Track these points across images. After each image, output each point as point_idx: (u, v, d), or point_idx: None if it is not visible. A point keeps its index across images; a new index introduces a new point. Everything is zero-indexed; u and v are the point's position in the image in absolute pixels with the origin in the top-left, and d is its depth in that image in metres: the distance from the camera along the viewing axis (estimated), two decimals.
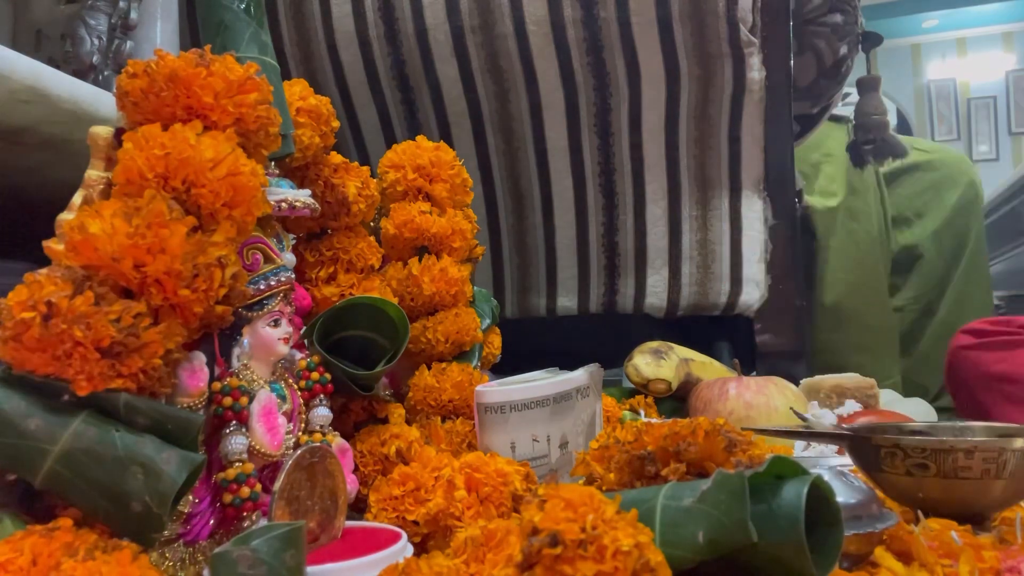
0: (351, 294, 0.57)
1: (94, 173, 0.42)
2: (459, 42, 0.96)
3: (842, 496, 0.38)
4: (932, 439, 0.47)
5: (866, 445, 0.49)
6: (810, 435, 0.61)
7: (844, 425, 0.64)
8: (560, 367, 0.65)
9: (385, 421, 0.57)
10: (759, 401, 0.78)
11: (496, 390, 0.56)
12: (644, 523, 0.28)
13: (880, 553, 0.40)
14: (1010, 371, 0.89)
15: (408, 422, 0.61)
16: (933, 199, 1.66)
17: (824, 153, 1.59)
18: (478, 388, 0.57)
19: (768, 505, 0.31)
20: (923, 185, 1.67)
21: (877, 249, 1.57)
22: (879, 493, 0.48)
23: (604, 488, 0.39)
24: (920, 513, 0.46)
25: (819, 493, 0.32)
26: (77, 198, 0.41)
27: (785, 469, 0.32)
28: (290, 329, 0.46)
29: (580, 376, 0.58)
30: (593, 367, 0.60)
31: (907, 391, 1.52)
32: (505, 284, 1.12)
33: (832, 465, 0.57)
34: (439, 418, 0.62)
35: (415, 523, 0.47)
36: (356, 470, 0.52)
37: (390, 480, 0.49)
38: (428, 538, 0.47)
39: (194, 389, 0.40)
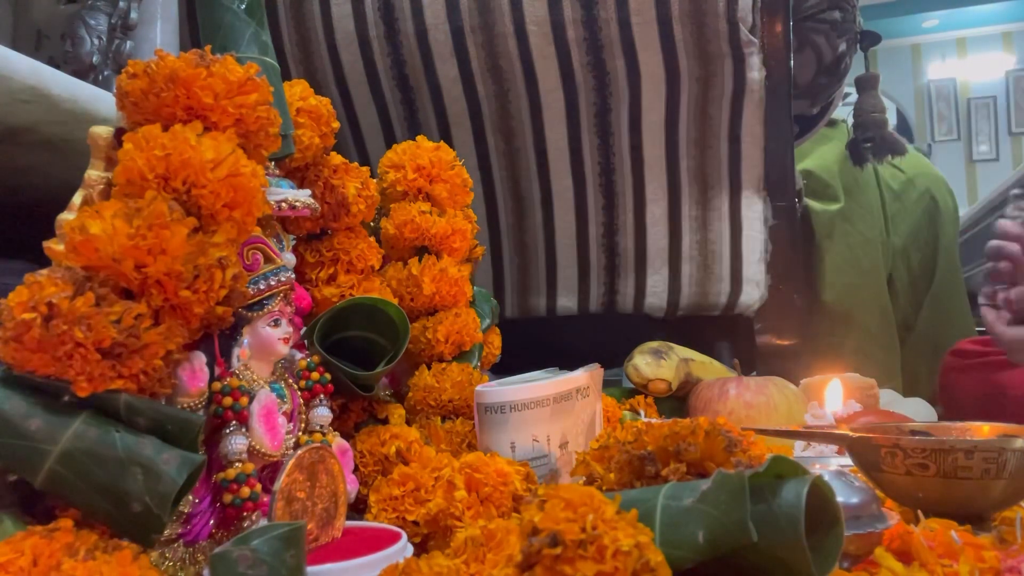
0: (351, 295, 0.57)
1: (94, 173, 0.42)
2: (459, 42, 0.96)
3: (842, 496, 0.38)
4: (932, 439, 0.47)
5: (866, 445, 0.49)
6: (810, 435, 0.61)
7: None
8: (560, 367, 0.65)
9: (385, 421, 0.57)
10: (759, 401, 0.78)
11: (496, 390, 0.56)
12: (644, 523, 0.28)
13: (880, 553, 0.40)
14: (997, 392, 0.89)
15: (408, 422, 0.61)
16: (898, 210, 1.64)
17: (818, 157, 1.58)
18: (478, 388, 0.57)
19: (768, 505, 0.31)
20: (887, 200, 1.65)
21: (877, 251, 1.56)
22: (879, 493, 0.48)
23: (604, 488, 0.39)
24: (920, 513, 0.46)
25: (819, 493, 0.32)
26: (77, 198, 0.41)
27: (785, 469, 0.32)
28: (290, 329, 0.46)
29: (580, 376, 0.58)
30: (593, 367, 0.60)
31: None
32: (505, 284, 1.12)
33: (832, 465, 0.57)
34: (439, 418, 0.62)
35: (415, 523, 0.47)
36: (356, 470, 0.52)
37: (390, 480, 0.49)
38: (428, 538, 0.47)
39: (194, 389, 0.40)
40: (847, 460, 0.56)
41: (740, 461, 0.34)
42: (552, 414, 0.55)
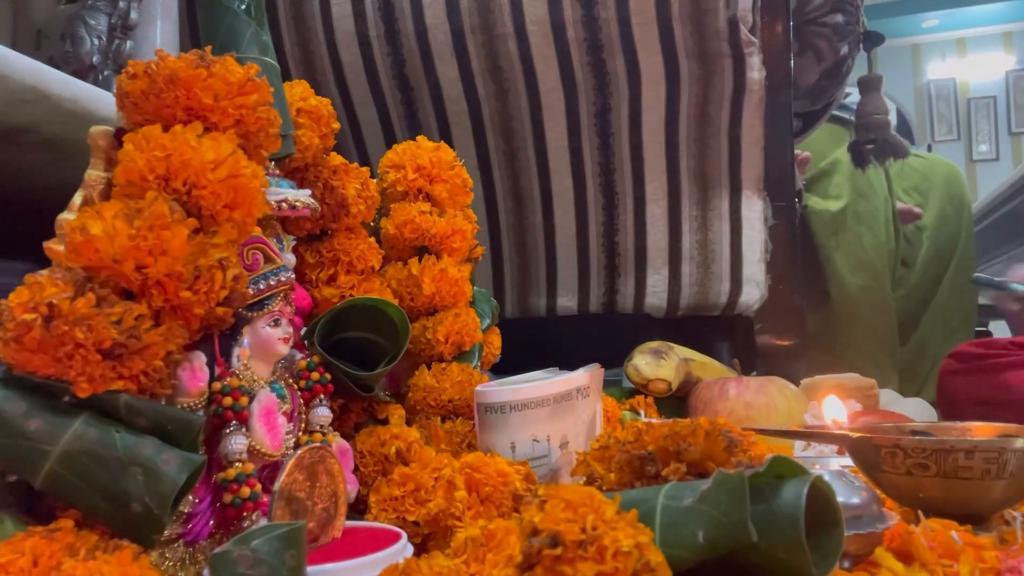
0: (351, 295, 0.57)
1: (94, 173, 0.42)
2: (459, 42, 0.96)
3: (843, 496, 0.38)
4: (932, 439, 0.47)
5: (866, 445, 0.49)
6: (810, 435, 0.61)
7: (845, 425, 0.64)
8: (560, 367, 0.65)
9: (385, 422, 0.57)
10: (759, 401, 0.78)
11: (496, 390, 0.56)
12: (644, 523, 0.28)
13: (880, 553, 0.40)
14: (993, 396, 0.89)
15: (408, 422, 0.61)
16: (925, 199, 1.70)
17: (832, 160, 1.59)
18: (478, 388, 0.57)
19: (768, 505, 0.31)
20: (915, 181, 1.72)
21: (883, 254, 1.58)
22: (879, 493, 0.48)
23: (604, 488, 0.39)
24: (920, 513, 0.46)
25: (819, 493, 0.32)
26: (77, 198, 0.41)
27: (785, 469, 0.32)
28: (290, 329, 0.46)
29: (580, 376, 0.58)
30: (593, 367, 0.60)
31: (903, 381, 1.54)
32: (505, 284, 1.12)
33: (832, 465, 0.57)
34: (439, 418, 0.62)
35: (415, 523, 0.47)
36: (356, 470, 0.52)
37: (390, 481, 0.49)
38: (428, 538, 0.47)
39: (194, 389, 0.40)
40: (847, 460, 0.56)
41: (740, 461, 0.34)
42: (552, 414, 0.55)
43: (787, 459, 0.32)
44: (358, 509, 0.50)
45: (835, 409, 0.64)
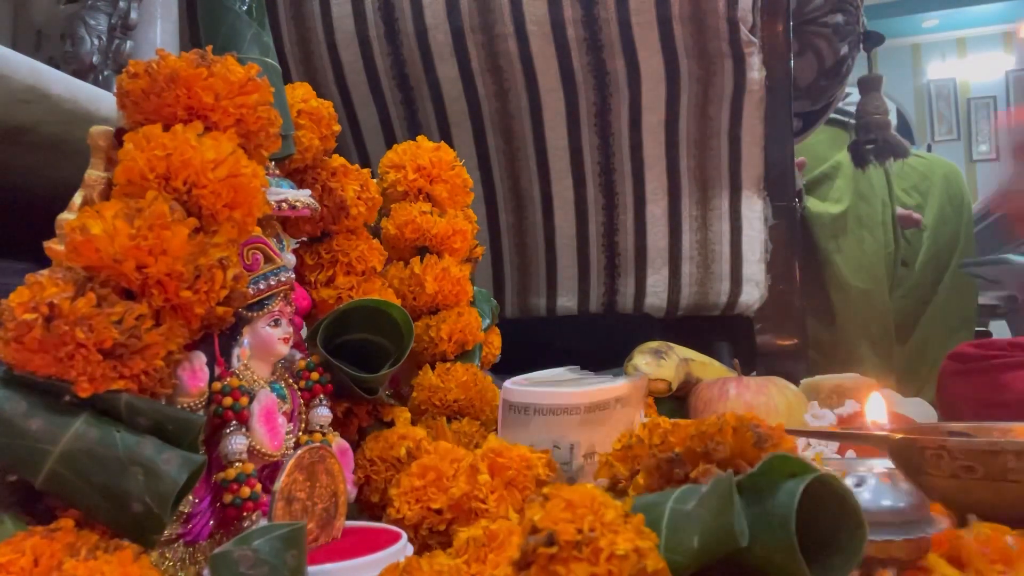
0: (350, 296, 0.57)
1: (94, 173, 0.42)
2: (459, 42, 0.96)
3: (890, 500, 0.37)
4: (981, 440, 0.45)
5: (910, 447, 0.47)
6: (852, 436, 0.59)
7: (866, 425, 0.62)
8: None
9: (391, 425, 0.57)
10: (759, 401, 0.78)
11: (525, 389, 0.54)
12: (653, 528, 0.28)
13: (933, 559, 0.39)
14: (992, 397, 0.89)
15: (412, 422, 0.61)
16: (924, 199, 1.70)
17: (833, 164, 1.59)
18: (506, 384, 0.55)
19: (764, 507, 0.30)
20: (915, 181, 1.72)
21: (883, 257, 1.58)
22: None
23: (633, 492, 0.38)
24: (972, 517, 0.44)
25: (832, 493, 0.30)
26: (77, 198, 0.41)
27: (793, 468, 0.31)
28: (290, 329, 0.46)
29: (620, 386, 0.55)
30: (637, 376, 0.58)
31: (903, 381, 1.54)
32: (505, 284, 1.12)
33: (878, 467, 0.55)
34: (444, 418, 0.61)
35: (438, 512, 0.46)
36: (367, 481, 0.51)
37: (409, 473, 0.48)
38: (452, 523, 0.46)
39: (194, 389, 0.40)
40: (888, 462, 0.54)
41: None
42: (582, 423, 0.53)
43: (788, 458, 0.31)
44: (374, 515, 0.50)
45: (877, 409, 0.61)
